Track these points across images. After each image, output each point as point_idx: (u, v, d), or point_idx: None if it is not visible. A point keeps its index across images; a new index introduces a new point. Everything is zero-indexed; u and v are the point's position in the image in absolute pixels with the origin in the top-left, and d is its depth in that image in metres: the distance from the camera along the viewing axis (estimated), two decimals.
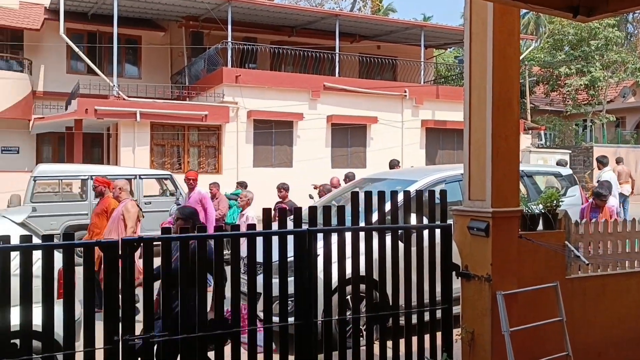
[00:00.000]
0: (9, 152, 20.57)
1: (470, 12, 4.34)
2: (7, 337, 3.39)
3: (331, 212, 4.55)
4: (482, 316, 4.33)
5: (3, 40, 20.43)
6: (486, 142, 4.26)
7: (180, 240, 3.88)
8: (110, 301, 3.63)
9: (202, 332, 3.84)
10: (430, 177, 6.65)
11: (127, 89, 18.75)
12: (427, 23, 25.25)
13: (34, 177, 12.07)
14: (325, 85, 19.19)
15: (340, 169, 19.02)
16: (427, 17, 44.76)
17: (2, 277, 3.38)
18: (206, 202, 9.27)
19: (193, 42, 21.73)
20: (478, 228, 4.29)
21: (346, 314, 4.44)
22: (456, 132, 20.73)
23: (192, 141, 18.00)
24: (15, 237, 3.59)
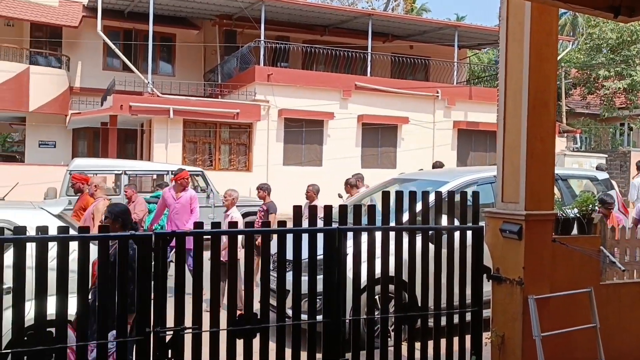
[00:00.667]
0: (46, 146, 21.07)
1: (507, 11, 4.28)
2: (44, 326, 3.47)
3: (361, 211, 4.54)
4: (513, 320, 4.27)
5: (42, 37, 20.94)
6: (521, 144, 4.20)
7: (211, 236, 3.92)
8: (142, 293, 3.69)
9: (232, 326, 3.88)
10: (462, 178, 6.58)
11: (161, 86, 19.03)
12: (462, 23, 24.98)
13: (69, 170, 12.35)
14: (356, 85, 19.15)
15: (370, 168, 18.99)
16: (460, 17, 44.30)
17: (40, 266, 3.47)
18: (195, 202, 8.79)
19: (226, 41, 21.94)
20: (511, 231, 4.24)
21: (374, 314, 4.43)
22: (489, 133, 20.47)
23: (223, 138, 18.18)
24: (53, 229, 3.69)
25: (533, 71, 4.10)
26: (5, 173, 16.36)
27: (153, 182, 14.41)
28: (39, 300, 3.48)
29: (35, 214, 4.99)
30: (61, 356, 3.50)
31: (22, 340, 3.42)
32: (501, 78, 4.36)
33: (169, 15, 21.15)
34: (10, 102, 18.91)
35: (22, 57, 19.72)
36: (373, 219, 4.39)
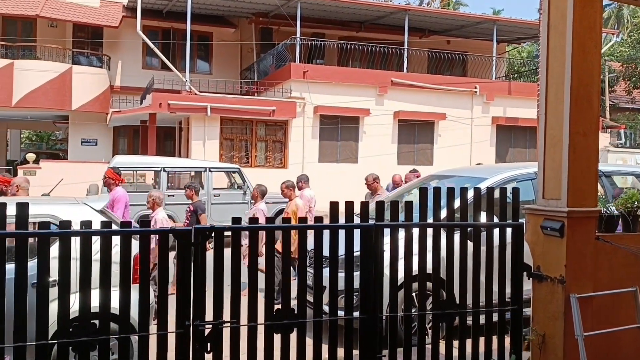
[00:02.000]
0: (88, 143, 21.63)
1: (549, 4, 4.18)
2: (88, 318, 3.57)
3: (398, 207, 4.51)
4: (554, 319, 4.18)
5: (84, 38, 21.49)
6: (563, 139, 4.10)
7: (249, 231, 3.96)
8: (183, 287, 3.76)
9: (269, 321, 3.91)
10: (502, 175, 6.47)
11: (198, 84, 19.30)
12: (500, 17, 24.52)
13: (111, 167, 12.64)
14: (392, 81, 19.03)
15: (407, 165, 18.84)
16: (496, 11, 43.51)
17: (84, 260, 3.57)
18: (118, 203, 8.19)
19: (262, 38, 22.08)
20: (552, 228, 4.14)
21: (412, 311, 4.40)
22: (529, 129, 20.07)
23: (259, 136, 18.32)
24: (96, 223, 3.78)
25: (576, 65, 3.99)
26: (50, 170, 16.87)
27: (191, 179, 14.63)
28: (83, 293, 3.57)
29: (79, 209, 5.12)
30: (104, 347, 3.59)
31: (67, 332, 3.52)
32: (542, 72, 4.27)
33: (206, 14, 21.41)
34: (54, 101, 19.48)
35: (65, 57, 20.28)
36: (410, 215, 4.36)
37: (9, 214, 3.42)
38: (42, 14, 19.24)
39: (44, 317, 3.48)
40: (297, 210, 7.93)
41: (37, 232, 3.49)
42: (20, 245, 3.42)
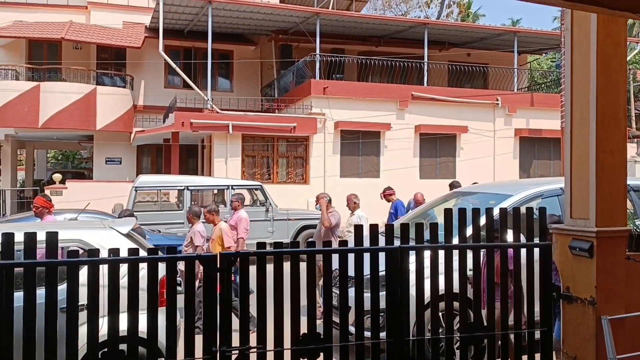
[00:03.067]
0: (112, 162, 21.94)
1: (572, 22, 4.15)
2: (117, 343, 3.61)
3: (423, 228, 4.48)
4: (585, 341, 4.10)
5: (108, 58, 21.89)
6: (590, 158, 4.05)
7: (274, 255, 3.97)
8: (209, 313, 3.78)
9: (295, 346, 3.91)
10: (527, 191, 6.39)
11: (220, 102, 19.50)
12: (521, 28, 24.37)
13: (135, 187, 12.81)
14: (413, 95, 19.00)
15: (429, 179, 18.77)
16: (515, 21, 43.28)
17: (112, 286, 3.61)
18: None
19: (282, 55, 22.26)
20: (581, 248, 4.08)
21: (439, 331, 4.35)
22: (552, 141, 19.83)
23: (281, 152, 18.40)
24: (122, 248, 3.83)
25: (601, 83, 3.95)
26: (76, 190, 17.16)
27: (214, 197, 14.74)
28: (112, 318, 3.61)
29: (106, 234, 5.19)
30: None
31: (96, 358, 3.56)
32: (567, 91, 4.23)
33: (227, 33, 21.68)
34: (79, 121, 19.84)
35: (90, 78, 20.67)
36: (435, 235, 4.33)
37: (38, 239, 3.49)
38: (67, 36, 19.66)
39: (73, 342, 3.53)
40: (222, 235, 7.66)
41: (66, 260, 3.55)
42: (50, 273, 3.48)
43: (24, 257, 3.46)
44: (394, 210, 10.54)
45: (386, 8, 36.78)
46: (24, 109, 19.38)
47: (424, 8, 37.16)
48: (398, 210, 10.42)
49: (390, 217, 10.53)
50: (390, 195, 10.91)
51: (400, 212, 10.32)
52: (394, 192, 10.97)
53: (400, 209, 10.48)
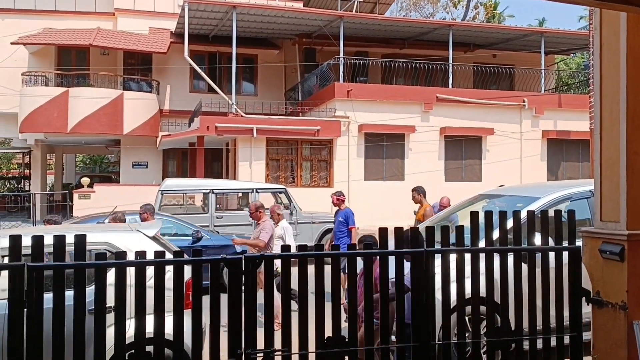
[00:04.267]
0: (139, 166, 22.26)
1: (601, 22, 4.07)
2: (143, 345, 3.64)
3: (449, 231, 4.43)
4: (616, 347, 4.00)
5: (135, 64, 22.23)
6: (620, 159, 3.96)
7: (299, 259, 3.97)
8: (234, 315, 3.79)
9: (320, 349, 3.89)
10: (555, 194, 6.28)
11: (244, 106, 19.63)
12: (548, 29, 24.02)
13: (161, 190, 12.96)
14: (438, 97, 18.87)
15: (454, 182, 18.61)
16: (541, 22, 42.72)
17: (139, 288, 3.65)
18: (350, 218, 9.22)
19: (306, 59, 22.34)
20: (611, 252, 3.99)
21: (465, 335, 4.30)
22: (581, 142, 19.49)
23: (304, 155, 18.44)
24: (148, 250, 3.87)
25: (631, 83, 3.86)
26: (104, 193, 17.44)
27: (238, 200, 14.82)
28: (139, 320, 3.65)
29: (133, 237, 5.26)
30: None
31: (123, 359, 3.60)
32: (596, 91, 4.14)
33: (251, 37, 21.84)
34: (106, 126, 20.17)
35: (117, 83, 21.02)
36: (462, 238, 4.28)
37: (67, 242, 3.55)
38: (95, 43, 20.02)
39: (101, 343, 3.57)
40: None
41: (94, 263, 3.60)
42: (78, 275, 3.54)
43: (53, 259, 3.52)
44: (344, 219, 9.03)
45: (412, 9, 36.63)
46: (53, 114, 19.78)
47: (450, 9, 36.92)
48: (349, 219, 9.04)
49: (337, 226, 9.11)
50: (341, 201, 9.34)
51: (351, 221, 9.02)
52: (344, 199, 9.47)
53: (351, 217, 9.06)
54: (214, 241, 10.25)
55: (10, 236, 3.50)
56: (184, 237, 10.17)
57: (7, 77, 21.27)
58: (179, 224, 10.69)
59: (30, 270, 3.40)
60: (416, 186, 9.85)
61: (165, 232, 9.80)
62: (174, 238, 9.89)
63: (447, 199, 10.31)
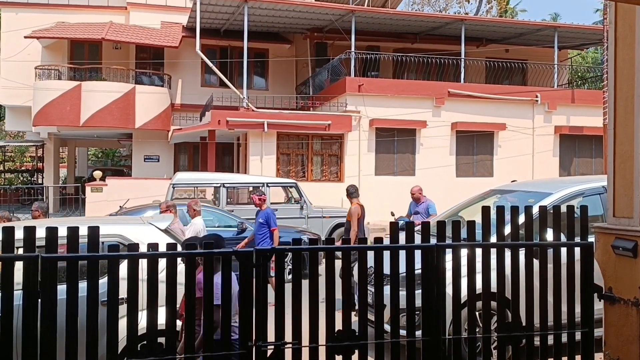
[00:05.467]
0: (150, 160, 22.37)
1: (616, 16, 4.03)
2: (155, 336, 3.67)
3: (460, 226, 4.42)
4: (628, 343, 3.98)
5: (147, 58, 22.31)
6: (634, 155, 3.92)
7: (309, 252, 3.98)
8: (245, 308, 3.81)
9: (331, 342, 3.91)
10: (568, 189, 6.24)
11: (255, 100, 19.65)
12: (561, 23, 23.81)
13: (173, 184, 13.03)
14: (449, 92, 18.77)
15: (465, 177, 18.53)
16: (555, 17, 42.33)
17: (151, 280, 3.68)
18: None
19: (317, 53, 22.29)
20: (624, 248, 3.96)
21: (475, 331, 4.29)
22: (594, 138, 19.33)
23: (315, 150, 18.43)
24: (160, 243, 3.91)
25: None
26: (116, 187, 17.55)
27: (249, 194, 14.86)
28: (151, 312, 3.68)
29: (145, 229, 5.29)
30: None
31: (135, 350, 3.63)
32: (610, 86, 4.11)
33: (262, 32, 21.83)
34: (118, 119, 20.28)
35: (129, 77, 21.11)
36: (473, 233, 4.27)
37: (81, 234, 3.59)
38: (108, 37, 20.10)
39: (113, 334, 3.61)
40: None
41: (107, 255, 3.63)
42: (92, 266, 3.57)
43: (67, 251, 3.56)
44: (264, 220, 8.46)
45: (424, 4, 36.42)
46: (66, 107, 19.92)
47: (464, 4, 36.65)
48: (270, 220, 8.44)
49: (258, 227, 8.52)
50: (262, 201, 8.73)
51: (273, 222, 8.44)
52: (265, 198, 8.86)
53: (272, 218, 8.49)
54: None
55: (25, 227, 3.54)
56: (228, 228, 10.45)
57: (20, 71, 21.44)
58: (224, 215, 11.01)
59: (44, 262, 3.44)
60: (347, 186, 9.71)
61: (209, 225, 10.11)
62: (217, 229, 10.32)
63: (417, 188, 9.85)
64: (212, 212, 11.03)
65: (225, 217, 10.90)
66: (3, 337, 3.39)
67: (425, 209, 9.49)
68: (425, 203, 9.61)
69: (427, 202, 9.63)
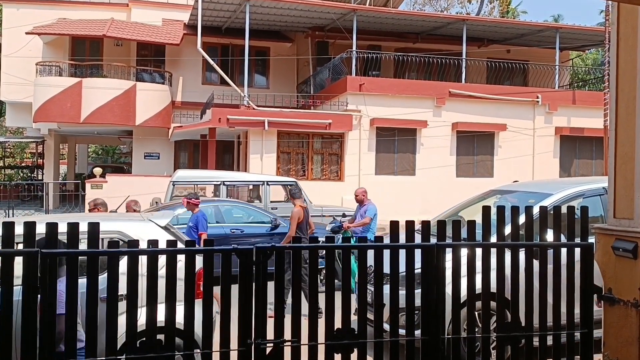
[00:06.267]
0: (151, 157, 22.36)
1: (618, 16, 4.03)
2: (154, 333, 3.67)
3: (460, 225, 4.42)
4: (627, 344, 3.98)
5: (148, 55, 22.30)
6: (635, 155, 3.92)
7: (310, 250, 3.98)
8: (244, 305, 3.81)
9: (330, 340, 3.91)
10: (568, 190, 6.23)
11: (256, 98, 19.64)
12: (563, 25, 23.80)
13: (172, 181, 13.02)
14: (450, 92, 18.78)
15: (465, 177, 18.53)
16: (557, 17, 42.31)
17: (150, 276, 3.68)
18: None
19: (318, 52, 22.28)
20: (624, 249, 3.96)
21: (475, 331, 4.29)
22: (595, 140, 19.34)
23: (315, 149, 18.43)
24: (160, 239, 3.90)
25: None
26: (116, 184, 17.54)
27: (249, 193, 14.86)
28: (150, 308, 3.68)
29: (145, 226, 5.29)
30: None
31: (135, 347, 3.63)
32: (612, 86, 4.10)
33: (264, 30, 21.82)
34: (119, 117, 20.27)
35: (130, 74, 21.09)
36: (473, 233, 4.27)
37: (81, 231, 3.58)
38: (109, 34, 20.09)
39: (113, 330, 3.61)
40: None
41: (107, 250, 3.63)
42: (91, 262, 3.57)
43: (67, 246, 3.55)
44: (194, 224, 8.26)
45: (426, 3, 36.41)
46: (66, 104, 19.91)
47: (465, 4, 36.63)
48: (199, 224, 8.22)
49: (188, 232, 8.22)
50: (194, 205, 8.50)
51: (201, 226, 8.23)
52: (199, 202, 8.63)
53: (202, 222, 8.27)
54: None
55: (25, 223, 3.53)
56: (261, 224, 10.69)
57: (21, 67, 21.43)
58: (256, 211, 11.18)
59: (44, 257, 3.43)
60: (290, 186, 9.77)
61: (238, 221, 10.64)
62: (250, 224, 10.67)
63: (361, 190, 9.79)
64: (243, 208, 11.24)
65: (258, 214, 11.07)
66: (2, 332, 3.39)
67: (365, 213, 9.40)
68: (367, 206, 9.48)
69: (368, 205, 9.48)
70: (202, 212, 8.52)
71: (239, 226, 10.59)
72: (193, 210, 8.42)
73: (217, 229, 9.92)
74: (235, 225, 10.56)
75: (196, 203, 8.46)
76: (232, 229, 10.40)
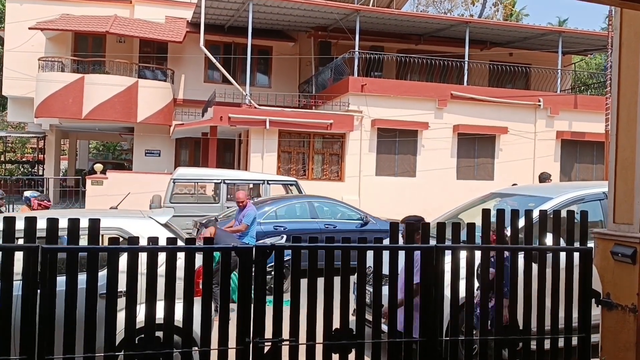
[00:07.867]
0: (151, 154, 22.38)
1: (621, 22, 4.03)
2: (153, 330, 3.68)
3: (460, 228, 4.43)
4: (625, 350, 3.99)
5: (150, 52, 22.30)
6: (635, 161, 3.93)
7: (309, 250, 3.98)
8: (243, 304, 3.81)
9: (328, 340, 3.92)
10: (568, 194, 6.25)
11: (258, 97, 19.65)
12: (566, 28, 23.79)
13: (173, 179, 13.03)
14: (452, 94, 18.77)
15: (466, 180, 18.53)
16: (562, 21, 42.28)
17: (150, 274, 3.69)
18: None
19: (321, 52, 22.29)
20: (623, 254, 3.97)
21: (472, 333, 4.30)
22: (596, 144, 19.34)
23: (316, 149, 18.43)
24: (160, 237, 3.91)
25: None
26: (116, 180, 17.56)
27: (250, 191, 14.87)
28: (149, 305, 3.69)
29: (145, 223, 5.30)
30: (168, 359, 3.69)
31: (133, 343, 3.64)
32: (614, 91, 4.11)
33: (266, 29, 21.82)
34: (121, 113, 20.28)
35: (132, 71, 21.10)
36: (472, 236, 4.27)
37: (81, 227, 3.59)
38: (112, 30, 20.10)
39: (111, 327, 3.62)
40: None
41: (108, 247, 3.63)
42: (91, 258, 3.58)
43: (68, 242, 3.56)
44: None
45: (429, 5, 36.43)
46: (68, 100, 19.92)
47: (469, 6, 36.62)
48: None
49: None
50: None
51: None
52: None
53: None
54: (379, 226, 10.82)
55: (26, 218, 3.54)
56: (350, 220, 11.01)
57: (24, 62, 21.44)
58: (347, 208, 11.49)
59: (44, 252, 3.44)
60: None
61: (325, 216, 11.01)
62: (342, 221, 11.00)
63: (241, 193, 9.75)
64: (330, 205, 11.51)
65: (347, 211, 11.36)
66: (2, 327, 3.39)
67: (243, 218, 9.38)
68: (246, 211, 9.43)
69: (247, 210, 9.44)
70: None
71: (332, 222, 10.90)
72: None
73: (312, 224, 10.40)
74: (329, 221, 10.89)
75: None
76: (325, 224, 10.70)
